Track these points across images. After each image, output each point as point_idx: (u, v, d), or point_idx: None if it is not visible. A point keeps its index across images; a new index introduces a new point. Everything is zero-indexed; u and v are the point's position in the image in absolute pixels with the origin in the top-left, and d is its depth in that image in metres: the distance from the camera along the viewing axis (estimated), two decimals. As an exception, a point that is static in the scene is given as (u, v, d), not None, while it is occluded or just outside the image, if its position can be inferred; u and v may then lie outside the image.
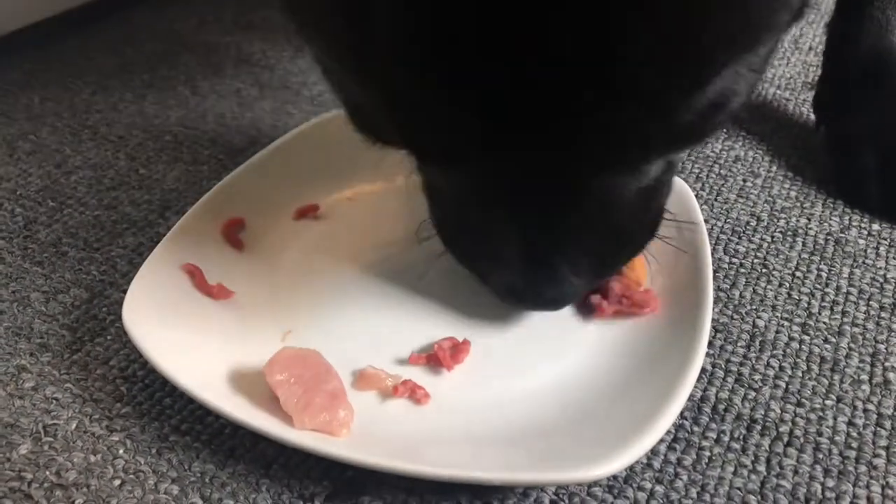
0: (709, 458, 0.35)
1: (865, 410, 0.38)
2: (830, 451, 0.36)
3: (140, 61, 0.71)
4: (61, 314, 0.43)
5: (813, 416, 0.37)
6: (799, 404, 0.38)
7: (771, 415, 0.37)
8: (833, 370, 0.40)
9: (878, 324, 0.42)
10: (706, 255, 0.41)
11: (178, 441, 0.36)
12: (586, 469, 0.31)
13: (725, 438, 0.36)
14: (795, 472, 0.35)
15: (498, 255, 0.35)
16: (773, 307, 0.43)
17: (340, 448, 0.33)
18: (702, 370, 0.38)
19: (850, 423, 0.37)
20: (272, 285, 0.43)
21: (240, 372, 0.37)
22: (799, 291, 0.44)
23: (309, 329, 0.40)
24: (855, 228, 0.49)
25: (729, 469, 0.35)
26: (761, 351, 0.40)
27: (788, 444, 0.36)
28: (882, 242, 0.48)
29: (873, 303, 0.44)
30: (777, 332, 0.42)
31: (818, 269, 0.46)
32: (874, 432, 0.36)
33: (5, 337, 0.42)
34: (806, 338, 0.41)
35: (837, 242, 0.48)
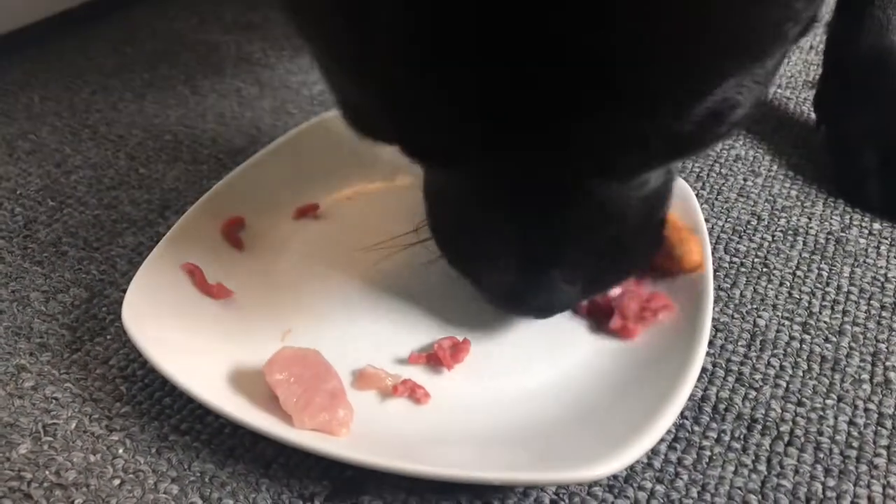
0: (709, 458, 0.35)
1: (866, 410, 0.37)
2: (831, 451, 0.36)
3: (140, 60, 0.71)
4: (61, 314, 0.43)
5: (814, 416, 0.37)
6: (800, 404, 0.38)
7: (772, 414, 0.37)
8: (834, 369, 0.39)
9: (879, 323, 0.42)
10: (706, 255, 0.41)
11: (178, 440, 0.36)
12: (587, 468, 0.31)
13: (726, 438, 0.36)
14: (796, 472, 0.35)
15: (491, 259, 0.35)
16: (774, 306, 0.43)
17: (340, 447, 0.33)
18: (702, 369, 0.38)
19: (851, 423, 0.37)
20: (272, 285, 0.43)
21: (239, 371, 0.37)
22: (800, 290, 0.44)
23: (308, 328, 0.40)
24: (856, 227, 0.49)
25: (729, 469, 0.35)
26: (762, 350, 0.40)
27: (789, 444, 0.36)
28: (883, 241, 0.48)
29: (874, 302, 0.43)
30: (778, 332, 0.41)
31: (819, 269, 0.46)
32: (875, 432, 0.36)
33: (5, 336, 0.42)
34: (807, 337, 0.41)
35: (838, 241, 0.48)
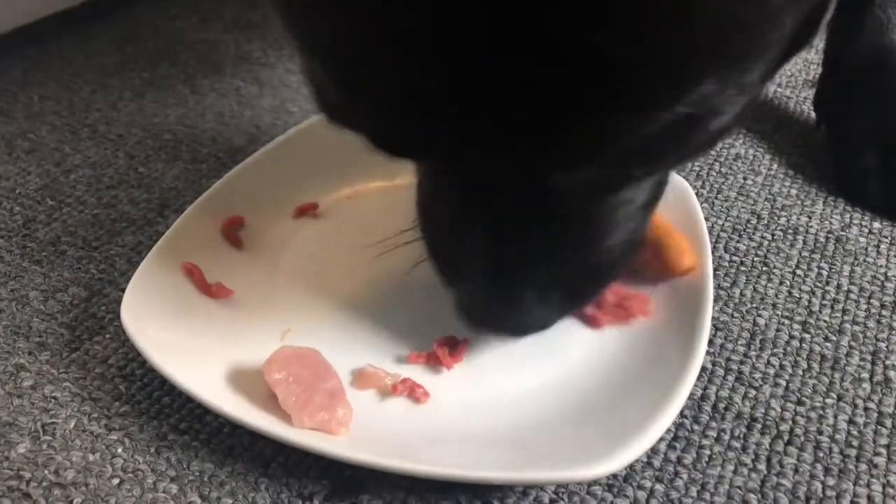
0: (709, 457, 0.35)
1: (866, 409, 0.37)
2: (831, 450, 0.36)
3: (139, 59, 0.71)
4: (60, 313, 0.43)
5: (813, 415, 0.37)
6: (799, 403, 0.38)
7: (771, 413, 0.37)
8: (833, 368, 0.39)
9: (879, 322, 0.42)
10: (706, 253, 0.41)
11: (177, 440, 0.36)
12: (586, 467, 0.31)
13: (726, 437, 0.36)
14: (796, 471, 0.35)
15: (465, 276, 0.34)
16: (774, 305, 0.43)
17: (339, 447, 0.33)
18: (702, 368, 0.38)
19: (851, 422, 0.37)
20: (271, 284, 0.43)
21: (238, 370, 0.37)
22: (799, 289, 0.44)
23: (308, 328, 0.40)
24: (856, 226, 0.49)
25: (729, 468, 0.35)
26: (762, 349, 0.40)
27: (789, 443, 0.36)
28: (883, 240, 0.48)
29: (874, 301, 0.43)
30: (777, 331, 0.41)
31: (819, 268, 0.46)
32: (875, 431, 0.36)
33: (4, 336, 0.42)
34: (806, 336, 0.41)
35: (838, 240, 0.48)
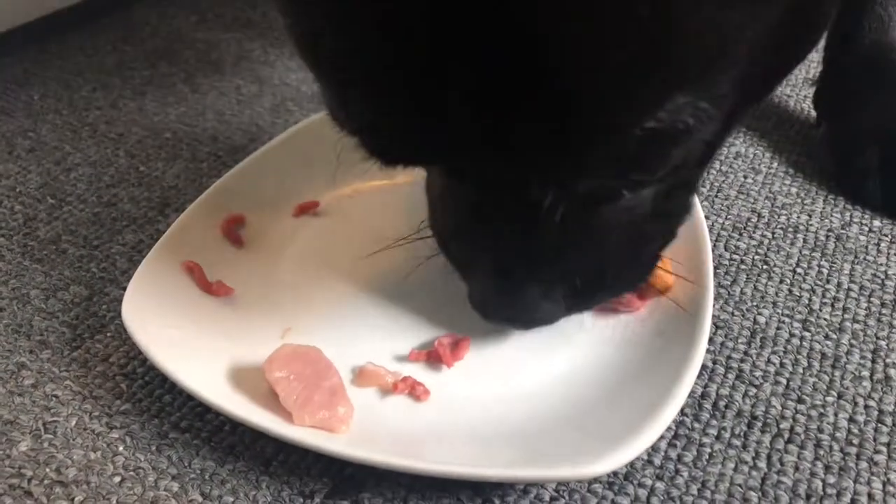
0: (709, 455, 0.35)
1: (866, 407, 0.37)
2: (831, 448, 0.36)
3: (140, 58, 0.71)
4: (61, 311, 0.43)
5: (814, 413, 0.37)
6: (800, 401, 0.38)
7: (772, 411, 0.37)
8: (834, 367, 0.39)
9: (879, 320, 0.42)
10: (707, 252, 0.41)
11: (178, 438, 0.36)
12: (587, 465, 0.31)
13: (726, 435, 0.36)
14: (796, 469, 0.35)
15: (474, 265, 0.35)
16: (774, 304, 0.43)
17: (340, 445, 0.33)
18: (702, 367, 0.38)
19: (851, 420, 0.37)
20: (272, 282, 0.43)
21: (239, 369, 0.37)
22: (800, 288, 0.44)
23: (309, 326, 0.40)
24: (856, 225, 0.49)
25: (729, 466, 0.35)
26: (762, 347, 0.40)
27: (789, 441, 0.36)
28: (883, 239, 0.48)
29: (874, 299, 0.43)
30: (778, 329, 0.41)
31: (819, 266, 0.46)
32: (875, 429, 0.36)
33: (5, 334, 0.42)
34: (807, 334, 0.41)
35: (838, 239, 0.48)
